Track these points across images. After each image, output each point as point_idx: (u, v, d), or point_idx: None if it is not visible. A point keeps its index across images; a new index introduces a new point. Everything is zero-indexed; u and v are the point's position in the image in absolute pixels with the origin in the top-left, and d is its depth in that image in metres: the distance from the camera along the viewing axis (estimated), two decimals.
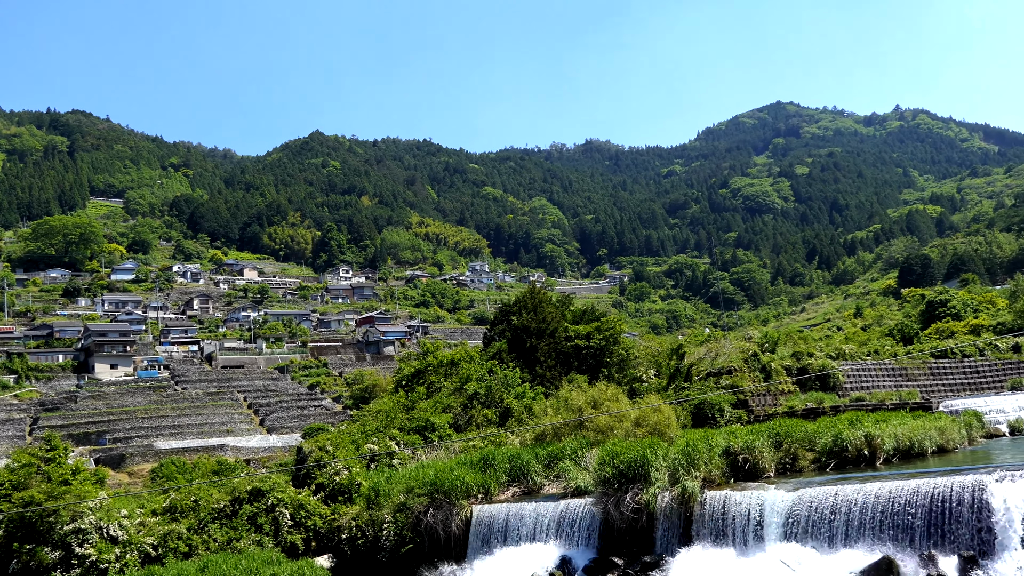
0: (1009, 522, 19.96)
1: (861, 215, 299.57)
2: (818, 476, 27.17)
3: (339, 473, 34.31)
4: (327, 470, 34.51)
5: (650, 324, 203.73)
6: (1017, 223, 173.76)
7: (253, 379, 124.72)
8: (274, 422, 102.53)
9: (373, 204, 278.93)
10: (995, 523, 20.18)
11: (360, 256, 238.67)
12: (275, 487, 32.45)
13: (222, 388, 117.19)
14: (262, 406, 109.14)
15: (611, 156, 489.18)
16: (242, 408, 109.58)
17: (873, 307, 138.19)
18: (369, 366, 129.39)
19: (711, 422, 42.37)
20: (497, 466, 32.33)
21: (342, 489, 33.72)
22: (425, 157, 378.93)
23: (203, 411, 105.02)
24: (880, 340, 71.08)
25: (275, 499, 31.83)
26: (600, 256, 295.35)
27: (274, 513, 31.58)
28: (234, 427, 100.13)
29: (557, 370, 49.82)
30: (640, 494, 26.29)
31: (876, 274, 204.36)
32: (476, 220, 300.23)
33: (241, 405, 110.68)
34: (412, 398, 47.38)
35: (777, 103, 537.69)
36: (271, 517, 31.49)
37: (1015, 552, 19.62)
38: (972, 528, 20.52)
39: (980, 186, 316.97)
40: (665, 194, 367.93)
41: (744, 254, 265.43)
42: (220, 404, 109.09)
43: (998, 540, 19.98)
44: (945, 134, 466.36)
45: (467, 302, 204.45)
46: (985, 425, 38.68)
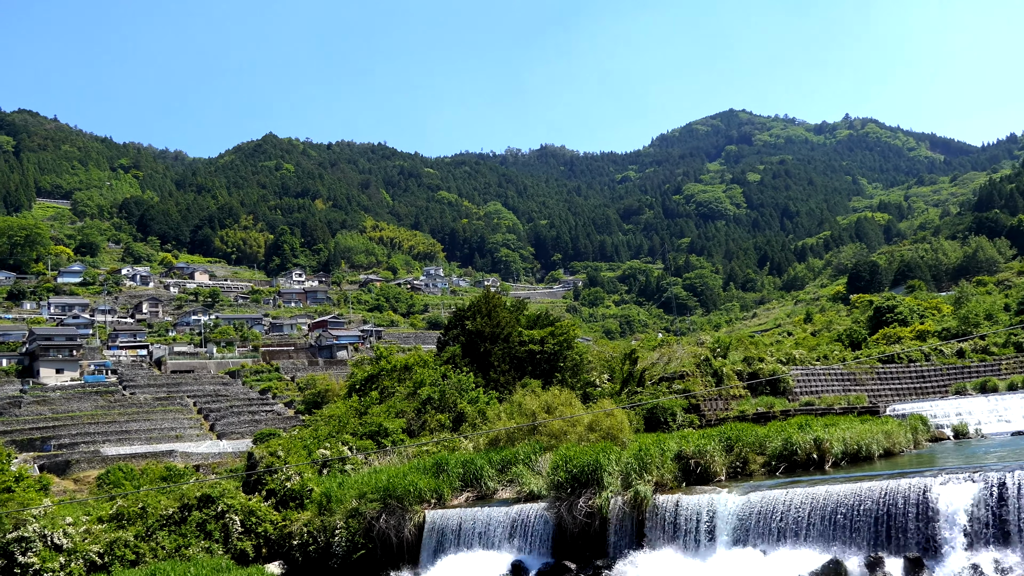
0: (952, 524, 20.36)
1: (811, 222, 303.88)
2: (768, 480, 27.46)
3: (291, 479, 33.99)
4: (278, 476, 34.17)
5: (604, 329, 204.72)
6: (962, 231, 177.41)
7: (203, 384, 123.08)
8: (224, 427, 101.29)
9: (327, 207, 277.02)
10: (939, 525, 20.57)
11: (313, 260, 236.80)
12: (225, 493, 32.06)
13: (171, 393, 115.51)
14: (212, 411, 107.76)
15: (566, 162, 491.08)
16: (192, 413, 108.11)
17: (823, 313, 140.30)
18: (322, 371, 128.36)
19: (664, 426, 42.68)
20: (450, 471, 32.25)
21: (294, 495, 33.41)
22: (380, 161, 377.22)
23: (152, 416, 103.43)
24: (829, 345, 72.13)
25: (225, 505, 31.45)
26: (555, 261, 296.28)
27: (224, 520, 31.20)
28: (183, 433, 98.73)
29: (511, 375, 49.82)
30: (593, 498, 26.38)
31: (826, 280, 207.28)
32: (431, 224, 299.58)
33: (191, 410, 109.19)
34: (365, 403, 47.07)
35: (730, 111, 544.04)
36: (221, 524, 31.11)
37: (958, 553, 20.01)
38: (917, 530, 20.89)
39: (926, 194, 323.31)
40: (619, 200, 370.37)
41: (697, 260, 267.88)
42: (169, 409, 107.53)
43: (942, 542, 20.37)
44: (893, 143, 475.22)
45: (421, 306, 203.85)
46: (930, 429, 39.44)
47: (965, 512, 20.34)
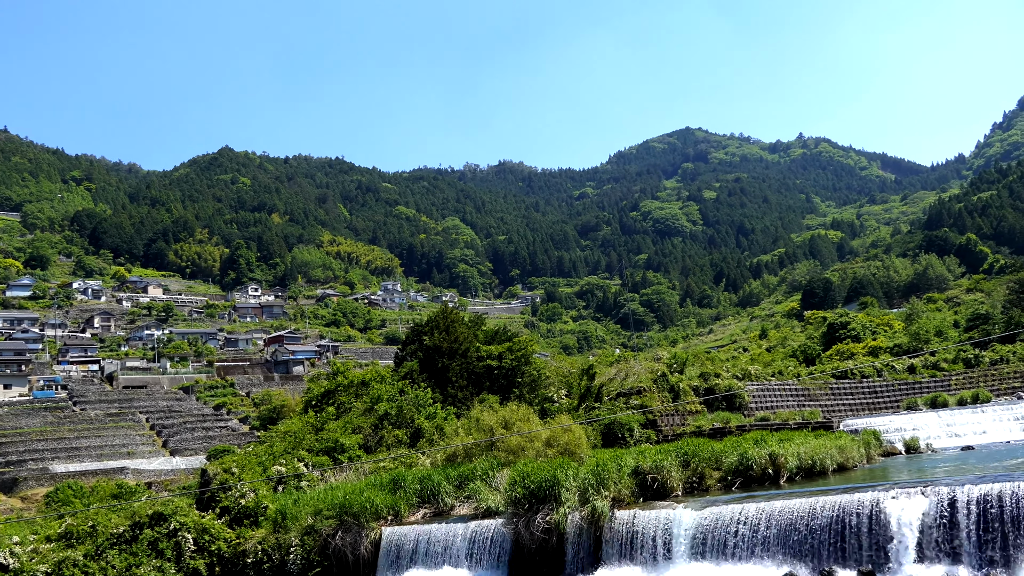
0: (904, 538, 20.65)
1: (766, 239, 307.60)
2: (724, 494, 27.65)
3: (245, 496, 33.53)
4: (233, 493, 33.70)
5: (562, 345, 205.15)
6: (912, 249, 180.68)
7: (156, 399, 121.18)
8: (178, 444, 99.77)
9: (284, 222, 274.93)
10: (891, 539, 20.85)
11: (270, 274, 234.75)
12: (178, 511, 31.54)
13: (123, 409, 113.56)
14: (165, 427, 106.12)
15: (524, 178, 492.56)
16: (144, 429, 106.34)
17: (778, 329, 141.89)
18: (278, 386, 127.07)
19: (621, 442, 42.80)
20: (407, 487, 32.07)
21: (248, 512, 32.95)
22: (337, 175, 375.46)
23: (103, 433, 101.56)
24: (784, 361, 72.93)
25: (177, 523, 30.93)
26: (513, 277, 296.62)
27: (176, 538, 30.68)
28: (135, 449, 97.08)
29: (469, 390, 49.69)
30: (551, 514, 26.36)
31: (780, 296, 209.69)
32: (389, 239, 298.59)
33: (143, 426, 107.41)
34: (321, 419, 46.66)
35: (686, 129, 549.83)
36: (173, 542, 30.58)
37: (909, 566, 20.29)
38: (870, 544, 21.16)
39: (878, 213, 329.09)
40: (577, 216, 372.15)
41: (654, 276, 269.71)
42: (121, 425, 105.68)
43: (894, 555, 20.65)
44: (845, 162, 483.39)
45: (379, 322, 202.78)
46: (883, 444, 40.02)
47: (916, 526, 20.65)
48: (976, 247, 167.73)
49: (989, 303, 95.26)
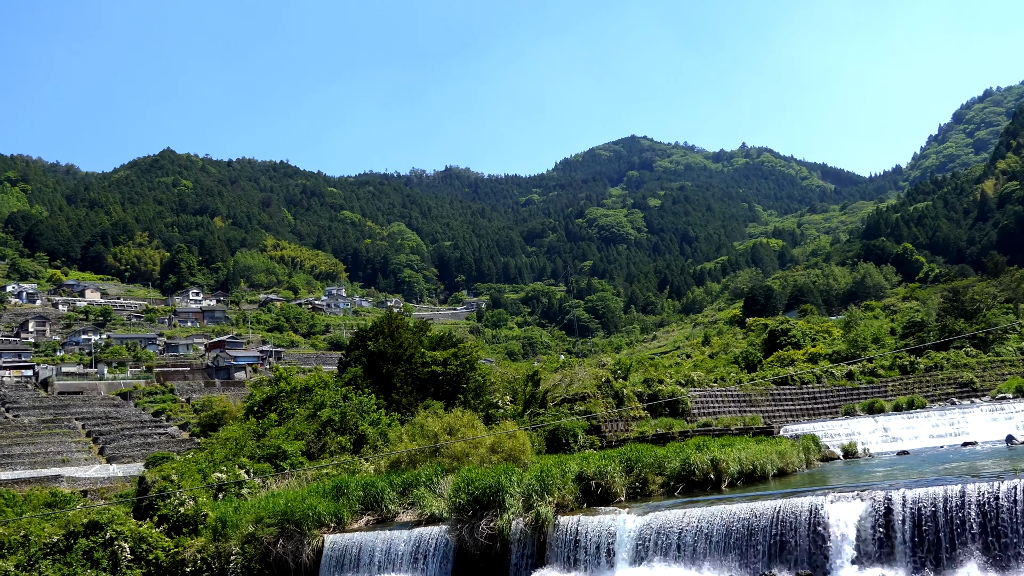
0: (842, 541, 21.02)
1: (710, 247, 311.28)
2: (667, 500, 27.89)
3: (184, 504, 32.93)
4: (171, 501, 33.09)
5: (507, 350, 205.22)
6: (851, 258, 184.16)
7: (93, 406, 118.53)
8: (115, 451, 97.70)
9: (226, 225, 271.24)
10: (829, 542, 21.20)
11: (212, 278, 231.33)
12: (114, 519, 30.87)
13: (58, 415, 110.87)
14: (102, 434, 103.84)
15: (470, 183, 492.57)
16: (80, 436, 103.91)
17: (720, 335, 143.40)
18: (219, 392, 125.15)
19: (565, 447, 42.91)
20: (350, 494, 31.80)
21: (187, 520, 32.37)
22: (282, 179, 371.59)
23: (36, 440, 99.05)
24: (726, 367, 73.76)
25: (114, 532, 30.26)
26: (458, 282, 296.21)
27: (112, 547, 30.01)
28: (71, 457, 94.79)
29: (413, 396, 49.47)
30: (495, 520, 26.34)
31: (723, 304, 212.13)
32: (333, 244, 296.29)
33: (79, 433, 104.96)
34: (263, 425, 46.09)
35: (632, 137, 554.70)
36: (109, 551, 29.91)
37: (847, 569, 20.66)
38: (809, 547, 21.49)
39: (818, 222, 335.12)
40: (523, 222, 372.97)
41: (599, 283, 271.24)
42: (56, 432, 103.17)
43: (832, 558, 21.00)
44: (787, 172, 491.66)
45: (323, 327, 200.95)
46: (821, 449, 40.71)
47: (854, 530, 21.04)
48: (912, 256, 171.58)
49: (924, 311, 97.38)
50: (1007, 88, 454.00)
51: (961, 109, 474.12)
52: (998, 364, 67.01)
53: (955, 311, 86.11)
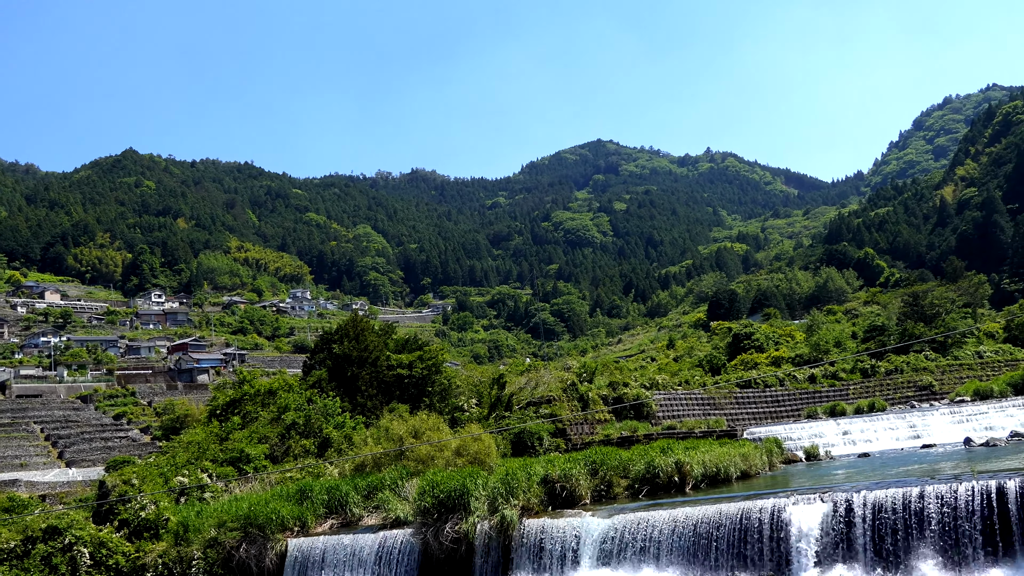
0: (804, 542, 21.24)
1: (675, 251, 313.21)
2: (632, 502, 28.01)
3: (145, 508, 32.57)
4: (132, 505, 32.71)
5: (472, 354, 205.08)
6: (814, 262, 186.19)
7: (52, 409, 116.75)
8: (75, 455, 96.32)
9: (190, 227, 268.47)
10: (791, 544, 21.42)
11: (174, 280, 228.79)
12: (73, 524, 30.46)
13: (16, 419, 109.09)
14: (62, 438, 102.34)
15: (437, 186, 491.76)
16: (39, 440, 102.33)
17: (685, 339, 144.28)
18: (181, 395, 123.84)
19: (530, 451, 42.97)
20: (314, 498, 31.62)
21: (148, 525, 32.02)
22: (246, 180, 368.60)
23: None
24: (691, 371, 74.24)
25: (73, 537, 29.86)
26: (424, 285, 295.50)
27: (72, 552, 29.61)
28: (29, 461, 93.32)
29: (379, 399, 49.29)
30: (460, 524, 26.32)
31: (688, 307, 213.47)
32: (298, 246, 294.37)
33: (38, 437, 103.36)
34: (227, 428, 45.68)
35: (598, 141, 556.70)
36: (68, 557, 29.51)
37: (809, 570, 20.88)
38: (771, 549, 21.70)
39: (781, 226, 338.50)
40: (489, 225, 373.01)
41: (565, 286, 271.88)
42: (13, 436, 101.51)
43: (794, 560, 21.22)
44: (751, 177, 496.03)
45: (287, 330, 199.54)
46: (784, 451, 41.09)
47: (815, 531, 21.27)
48: (873, 261, 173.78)
49: (885, 315, 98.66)
50: (966, 96, 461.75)
51: (921, 116, 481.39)
52: (956, 368, 68.06)
53: (915, 315, 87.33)
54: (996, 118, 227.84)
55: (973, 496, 19.90)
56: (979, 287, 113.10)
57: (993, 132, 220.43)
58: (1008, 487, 19.65)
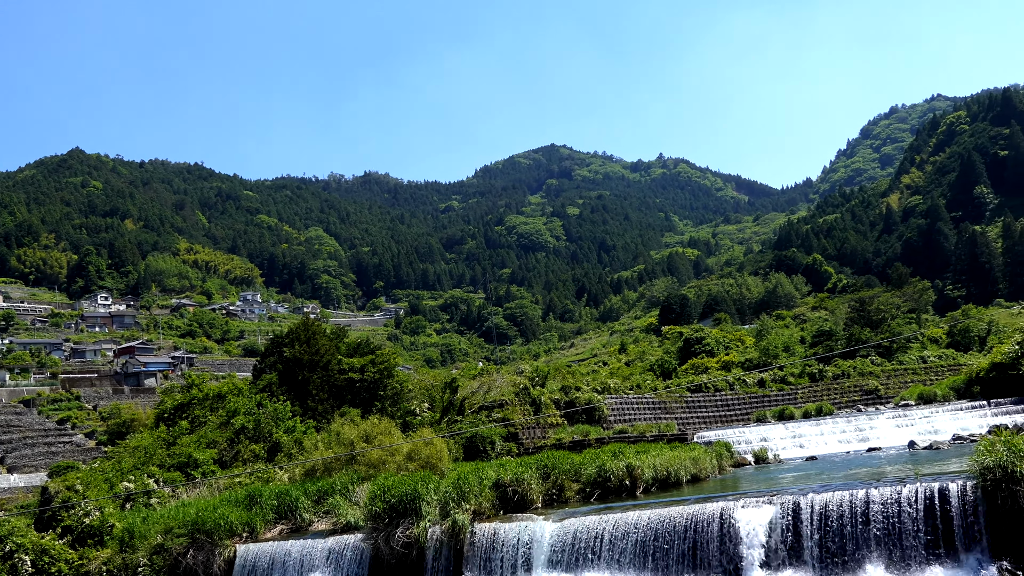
0: (753, 545, 21.46)
1: (627, 256, 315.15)
2: (583, 506, 28.08)
3: (89, 514, 31.93)
4: (76, 511, 32.05)
5: (425, 357, 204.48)
6: (763, 268, 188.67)
7: None
8: (16, 460, 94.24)
9: (138, 228, 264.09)
10: (740, 547, 21.63)
11: (122, 283, 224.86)
12: (14, 531, 29.76)
13: None
14: (2, 443, 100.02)
15: (390, 189, 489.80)
16: None
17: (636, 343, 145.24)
18: (128, 399, 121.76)
19: (483, 455, 42.92)
20: (264, 503, 31.28)
21: (92, 532, 31.40)
22: (196, 181, 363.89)
23: None
24: (642, 375, 74.70)
25: (14, 544, 29.18)
26: (376, 288, 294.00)
27: (12, 560, 28.93)
28: None
29: (330, 403, 48.92)
30: (411, 528, 26.19)
31: (640, 312, 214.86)
32: (249, 248, 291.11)
33: None
34: (174, 433, 45.00)
35: (551, 145, 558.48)
36: (8, 564, 28.83)
37: (756, 572, 21.10)
38: (721, 551, 21.89)
39: (732, 232, 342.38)
40: (442, 229, 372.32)
41: (518, 290, 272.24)
42: None
43: (744, 563, 21.42)
44: (703, 183, 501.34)
45: (237, 333, 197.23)
46: (734, 455, 41.53)
47: (763, 534, 21.49)
48: (821, 267, 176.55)
49: (832, 320, 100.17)
50: (911, 106, 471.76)
51: (868, 125, 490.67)
52: (901, 372, 69.33)
53: (861, 321, 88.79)
54: (940, 128, 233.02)
55: (917, 498, 20.27)
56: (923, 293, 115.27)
57: (937, 141, 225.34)
58: (950, 489, 20.05)
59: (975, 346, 78.78)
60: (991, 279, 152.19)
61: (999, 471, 19.41)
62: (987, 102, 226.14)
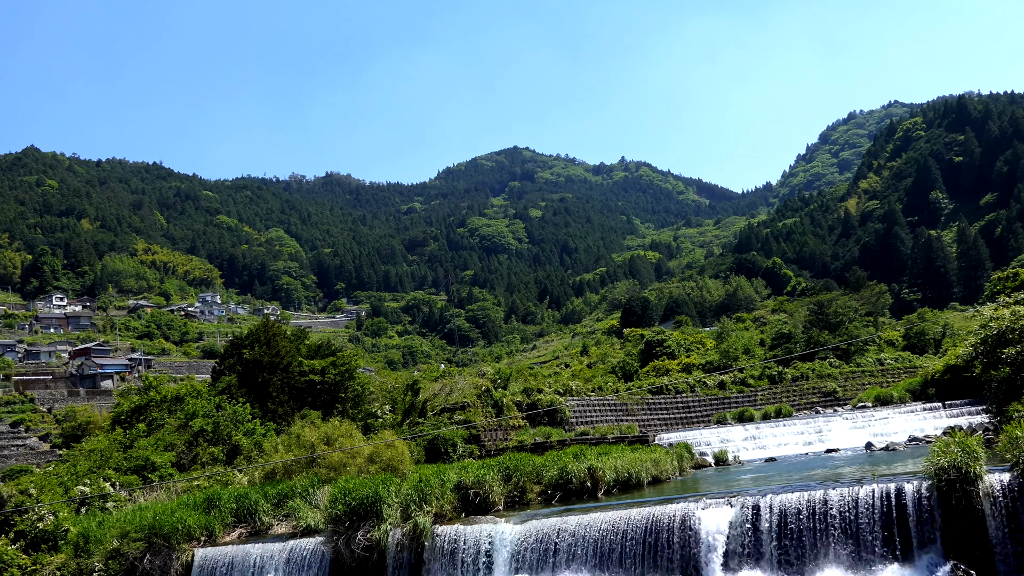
0: (712, 545, 21.62)
1: (589, 258, 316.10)
2: (545, 508, 28.11)
3: (43, 519, 31.37)
4: (29, 516, 31.48)
5: (387, 359, 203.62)
6: (724, 271, 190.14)
7: None
8: None
9: (95, 228, 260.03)
10: (700, 548, 21.78)
11: (78, 283, 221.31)
12: None
13: None
14: None
15: (352, 190, 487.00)
16: None
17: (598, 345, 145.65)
18: (84, 402, 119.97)
19: (444, 457, 42.82)
20: (223, 506, 30.95)
21: (46, 536, 30.86)
22: (155, 181, 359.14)
23: None
24: (604, 377, 74.97)
25: None
26: (338, 290, 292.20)
27: None
28: None
29: (290, 405, 48.52)
30: (372, 531, 26.05)
31: (601, 314, 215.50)
32: (208, 249, 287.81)
33: None
34: (131, 436, 44.36)
35: (514, 148, 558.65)
36: None
37: (717, 573, 21.26)
38: (682, 552, 22.03)
39: (693, 235, 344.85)
40: (405, 231, 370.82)
41: (480, 292, 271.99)
42: None
43: (703, 563, 21.57)
44: (664, 186, 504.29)
45: (196, 334, 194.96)
46: (694, 456, 41.81)
47: (723, 534, 21.67)
48: (781, 270, 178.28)
49: (792, 323, 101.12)
50: (869, 112, 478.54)
51: (827, 130, 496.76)
52: (859, 374, 70.24)
53: (820, 323, 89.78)
54: (897, 134, 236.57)
55: (873, 499, 20.55)
56: (880, 296, 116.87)
57: (894, 147, 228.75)
58: (906, 489, 20.35)
59: (931, 349, 79.98)
60: (946, 283, 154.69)
61: (953, 472, 19.75)
62: (943, 109, 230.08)
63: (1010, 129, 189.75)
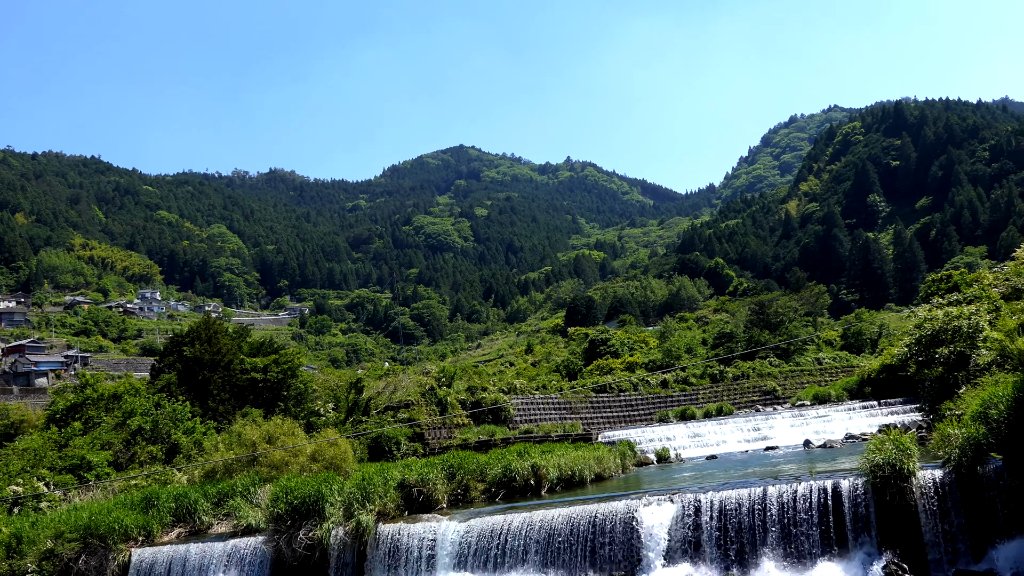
0: (654, 542, 21.86)
1: (534, 257, 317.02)
2: (489, 506, 28.16)
3: None
4: None
5: (330, 357, 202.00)
6: (667, 271, 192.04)
7: None
8: None
9: (29, 222, 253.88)
10: (642, 544, 22.01)
11: (11, 279, 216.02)
12: None
13: None
14: None
15: (296, 187, 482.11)
16: None
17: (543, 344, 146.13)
18: (17, 399, 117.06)
19: (388, 455, 42.65)
20: (161, 506, 30.47)
21: None
22: (93, 175, 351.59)
23: None
24: (548, 375, 75.28)
25: None
26: (281, 287, 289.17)
27: None
28: None
29: (232, 404, 47.91)
30: (314, 530, 25.87)
31: (546, 313, 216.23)
32: (148, 245, 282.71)
33: None
34: (66, 434, 43.42)
35: (460, 146, 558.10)
36: None
37: (658, 569, 21.50)
38: (624, 549, 22.23)
39: (638, 235, 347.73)
40: (349, 228, 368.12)
41: (425, 290, 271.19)
42: None
43: (645, 559, 21.80)
44: (609, 186, 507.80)
45: (135, 331, 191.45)
46: (637, 454, 42.18)
47: (665, 531, 21.93)
48: (723, 270, 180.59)
49: (733, 323, 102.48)
50: (810, 116, 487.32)
51: (769, 133, 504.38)
52: (798, 373, 71.48)
53: (761, 323, 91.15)
54: (836, 138, 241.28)
55: (811, 495, 20.95)
56: (819, 297, 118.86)
57: (834, 151, 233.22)
58: (842, 486, 20.78)
59: (867, 348, 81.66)
60: (883, 284, 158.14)
61: (888, 468, 20.22)
62: (880, 114, 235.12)
63: (945, 135, 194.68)
